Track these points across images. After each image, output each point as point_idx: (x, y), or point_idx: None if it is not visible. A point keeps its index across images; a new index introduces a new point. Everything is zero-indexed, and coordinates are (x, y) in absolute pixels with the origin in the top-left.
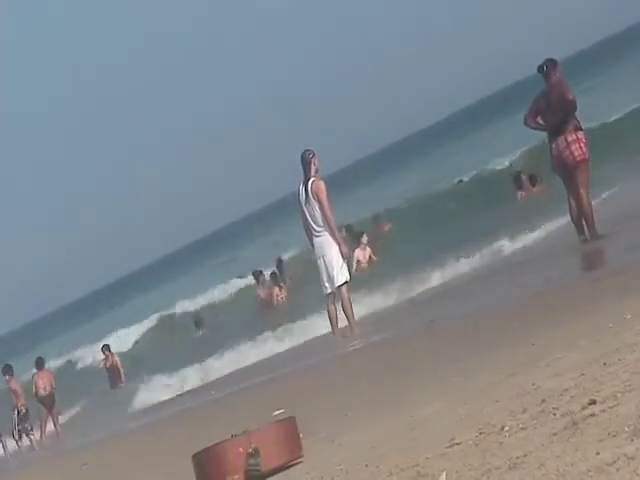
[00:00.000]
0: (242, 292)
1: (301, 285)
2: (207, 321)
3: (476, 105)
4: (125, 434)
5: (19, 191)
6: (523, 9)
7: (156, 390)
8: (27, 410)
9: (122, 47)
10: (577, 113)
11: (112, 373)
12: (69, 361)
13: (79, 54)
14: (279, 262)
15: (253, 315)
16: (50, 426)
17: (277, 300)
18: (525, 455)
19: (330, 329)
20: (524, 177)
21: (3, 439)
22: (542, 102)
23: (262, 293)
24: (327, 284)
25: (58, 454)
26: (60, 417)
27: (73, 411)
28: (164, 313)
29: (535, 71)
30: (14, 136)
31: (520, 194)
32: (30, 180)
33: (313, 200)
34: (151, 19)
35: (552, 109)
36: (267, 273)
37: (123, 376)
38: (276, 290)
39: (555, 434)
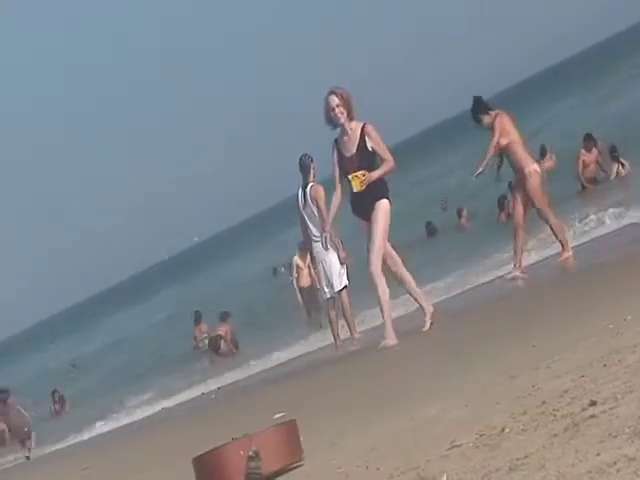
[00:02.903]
0: None
1: None
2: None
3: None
4: (125, 437)
5: None
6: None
7: None
8: None
9: (122, 48)
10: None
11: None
12: None
13: (75, 53)
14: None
15: None
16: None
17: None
18: (526, 457)
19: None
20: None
21: None
22: None
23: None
24: (326, 289)
25: (57, 457)
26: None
27: None
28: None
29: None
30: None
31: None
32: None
33: (312, 205)
34: (149, 20)
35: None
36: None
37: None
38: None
39: (555, 435)
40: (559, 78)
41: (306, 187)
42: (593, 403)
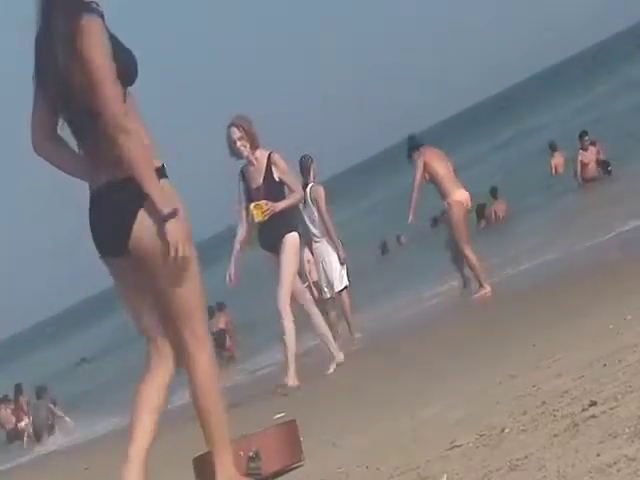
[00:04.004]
0: None
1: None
2: None
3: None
4: (125, 437)
5: None
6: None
7: None
8: None
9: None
10: None
11: None
12: None
13: None
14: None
15: None
16: None
17: None
18: (526, 457)
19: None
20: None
21: None
22: None
23: None
24: (326, 289)
25: (58, 457)
26: None
27: None
28: None
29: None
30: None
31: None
32: None
33: (312, 206)
34: (148, 20)
35: None
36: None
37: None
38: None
39: (556, 436)
40: (559, 78)
41: (306, 187)
42: (593, 403)
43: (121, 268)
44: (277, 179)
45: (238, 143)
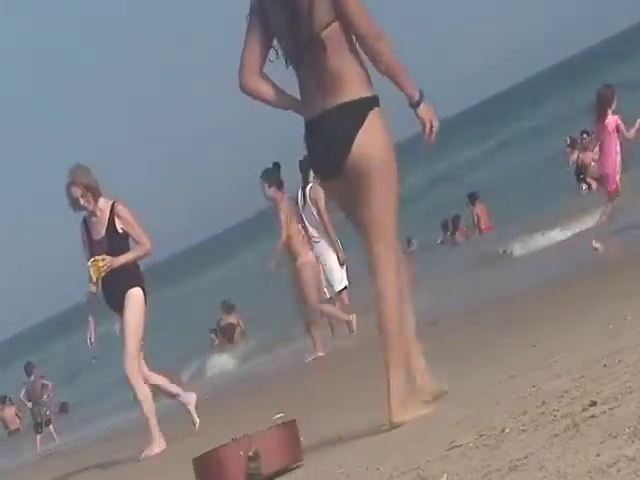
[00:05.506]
0: None
1: None
2: None
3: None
4: (125, 436)
5: None
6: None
7: None
8: None
9: (121, 48)
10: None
11: None
12: None
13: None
14: None
15: None
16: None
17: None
18: (526, 457)
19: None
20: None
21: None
22: None
23: None
24: (326, 290)
25: (58, 457)
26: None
27: None
28: None
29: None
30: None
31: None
32: None
33: (311, 206)
34: (149, 19)
35: None
36: None
37: None
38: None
39: (556, 436)
40: (559, 78)
41: (305, 188)
42: (593, 403)
43: (338, 188)
44: (120, 230)
45: (82, 201)
